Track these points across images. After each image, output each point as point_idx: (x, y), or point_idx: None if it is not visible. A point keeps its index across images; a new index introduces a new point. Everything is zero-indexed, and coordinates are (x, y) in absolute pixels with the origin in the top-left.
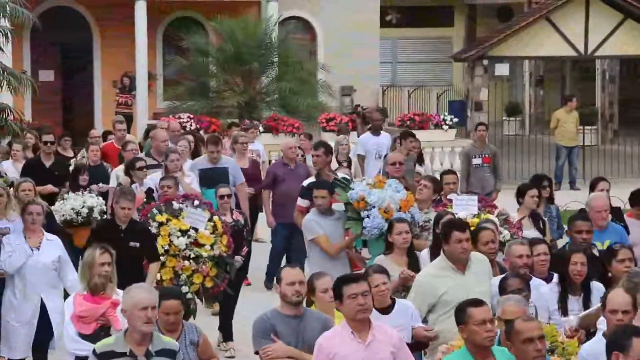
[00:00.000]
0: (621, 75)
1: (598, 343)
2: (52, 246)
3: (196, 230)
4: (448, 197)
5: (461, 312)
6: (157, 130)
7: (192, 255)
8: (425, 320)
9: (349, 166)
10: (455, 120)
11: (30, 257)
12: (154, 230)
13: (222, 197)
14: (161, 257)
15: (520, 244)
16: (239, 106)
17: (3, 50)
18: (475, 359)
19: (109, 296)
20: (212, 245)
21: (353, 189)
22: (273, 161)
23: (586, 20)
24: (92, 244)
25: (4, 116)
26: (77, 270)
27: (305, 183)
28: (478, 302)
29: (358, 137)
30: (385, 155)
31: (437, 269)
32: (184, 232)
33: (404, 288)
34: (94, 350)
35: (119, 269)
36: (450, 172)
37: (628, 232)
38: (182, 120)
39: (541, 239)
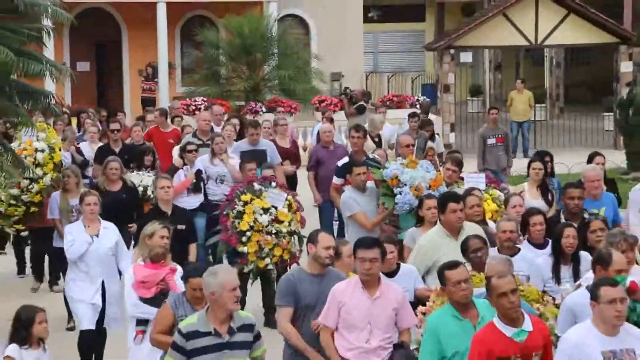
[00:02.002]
0: (566, 62)
1: (584, 296)
2: (109, 233)
3: (276, 208)
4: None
5: (440, 275)
6: (201, 112)
7: (274, 231)
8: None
9: (380, 143)
10: (427, 100)
11: (91, 245)
12: (240, 208)
13: (265, 178)
14: (247, 233)
15: (507, 221)
16: (245, 90)
17: (47, 46)
18: (459, 311)
19: (167, 263)
20: (289, 222)
21: (387, 168)
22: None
23: (536, 15)
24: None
25: (48, 101)
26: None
27: (340, 163)
28: (453, 265)
29: (345, 115)
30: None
31: (436, 235)
32: (265, 210)
33: None
34: (179, 330)
35: (170, 251)
36: (456, 151)
37: (619, 202)
38: (197, 102)
39: (538, 210)
